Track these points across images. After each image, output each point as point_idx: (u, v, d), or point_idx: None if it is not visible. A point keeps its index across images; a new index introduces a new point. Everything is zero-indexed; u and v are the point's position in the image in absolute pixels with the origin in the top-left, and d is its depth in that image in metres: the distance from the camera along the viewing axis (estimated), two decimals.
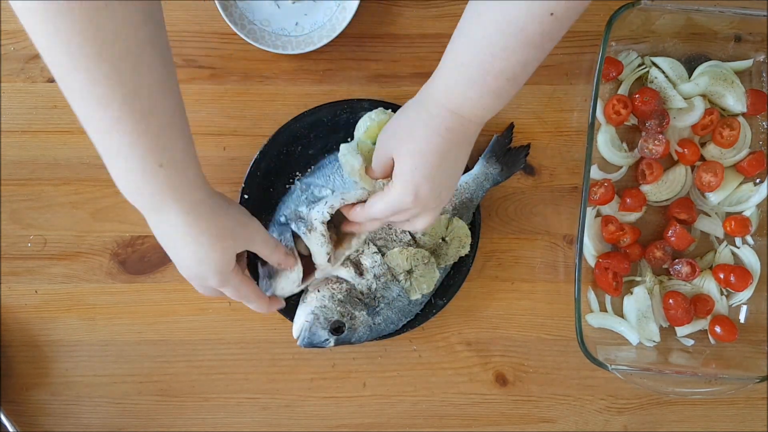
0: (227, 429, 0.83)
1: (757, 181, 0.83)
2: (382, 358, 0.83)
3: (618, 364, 0.77)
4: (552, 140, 0.84)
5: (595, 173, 0.83)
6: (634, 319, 0.82)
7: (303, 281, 0.73)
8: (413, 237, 0.77)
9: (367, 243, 0.76)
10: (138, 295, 0.82)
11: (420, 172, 0.62)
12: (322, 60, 0.83)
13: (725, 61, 0.83)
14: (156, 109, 0.53)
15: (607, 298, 0.83)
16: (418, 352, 0.83)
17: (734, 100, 0.82)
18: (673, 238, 0.81)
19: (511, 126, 0.82)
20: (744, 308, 0.83)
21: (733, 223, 0.82)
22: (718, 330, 0.81)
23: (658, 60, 0.83)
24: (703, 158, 0.84)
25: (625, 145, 0.83)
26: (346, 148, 0.71)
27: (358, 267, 0.76)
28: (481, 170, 0.79)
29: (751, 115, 0.83)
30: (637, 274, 0.84)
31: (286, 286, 0.74)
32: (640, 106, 0.81)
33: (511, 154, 0.81)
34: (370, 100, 0.80)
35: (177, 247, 0.63)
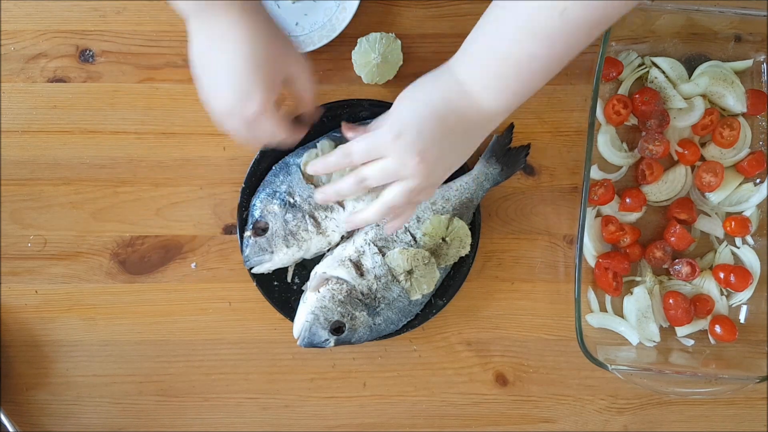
0: (227, 429, 0.83)
1: (757, 181, 0.83)
2: (382, 358, 0.83)
3: (618, 364, 0.77)
4: (552, 140, 0.84)
5: (595, 173, 0.83)
6: (634, 319, 0.82)
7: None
8: (414, 237, 0.77)
9: (368, 243, 0.76)
10: (138, 295, 0.82)
11: (411, 119, 0.62)
12: (322, 60, 0.83)
13: (725, 61, 0.83)
14: None
15: (607, 298, 0.83)
16: (418, 352, 0.83)
17: (734, 100, 0.82)
18: (673, 238, 0.81)
19: (511, 126, 0.82)
20: (744, 308, 0.83)
21: (733, 223, 0.82)
22: (718, 330, 0.81)
23: (658, 60, 0.83)
24: (703, 158, 0.84)
25: (625, 145, 0.83)
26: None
27: (359, 268, 0.76)
28: (481, 170, 0.79)
29: (751, 115, 0.83)
30: (637, 274, 0.84)
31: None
32: (640, 106, 0.81)
33: (511, 154, 0.81)
34: (369, 100, 0.80)
35: (221, 54, 0.60)
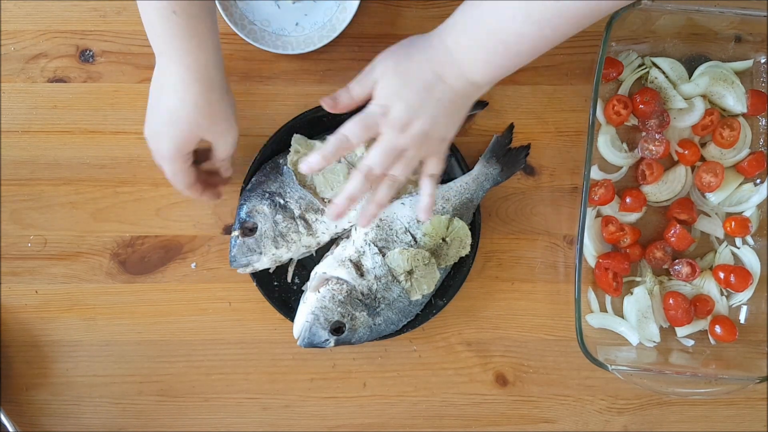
0: (227, 429, 0.83)
1: (758, 181, 0.83)
2: (382, 359, 0.83)
3: (618, 365, 0.77)
4: (552, 140, 0.84)
5: (595, 173, 0.83)
6: (634, 319, 0.82)
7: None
8: (414, 238, 0.77)
9: (368, 244, 0.76)
10: (138, 295, 0.82)
11: (399, 90, 0.64)
12: (322, 60, 0.83)
13: (725, 62, 0.83)
14: None
15: (607, 299, 0.83)
16: (418, 352, 0.83)
17: (734, 101, 0.82)
18: (673, 239, 0.81)
19: (511, 126, 0.82)
20: (744, 308, 0.83)
21: (734, 224, 0.82)
22: (718, 330, 0.81)
23: (659, 60, 0.83)
24: (703, 158, 0.84)
25: (625, 146, 0.83)
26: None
27: (359, 268, 0.76)
28: (481, 170, 0.79)
29: (751, 115, 0.83)
30: (637, 275, 0.84)
31: None
32: (640, 107, 0.81)
33: (511, 155, 0.81)
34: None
35: (161, 95, 0.66)
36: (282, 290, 0.80)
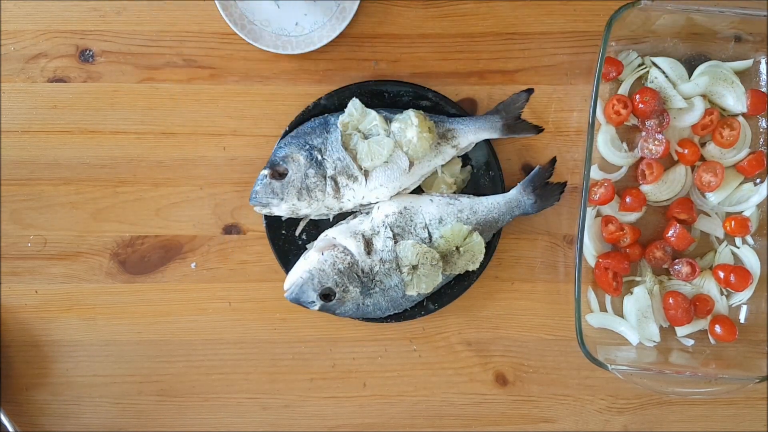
0: (227, 429, 0.83)
1: (757, 181, 0.83)
2: (382, 358, 0.83)
3: (618, 364, 0.77)
4: (552, 140, 0.84)
5: (595, 173, 0.83)
6: (634, 319, 0.82)
7: None
8: (430, 236, 0.77)
9: (386, 227, 0.77)
10: (138, 295, 0.82)
11: None
12: (322, 60, 0.83)
13: (725, 61, 0.83)
14: None
15: (607, 298, 0.83)
16: (418, 352, 0.83)
17: (734, 100, 0.82)
18: (673, 238, 0.81)
19: (554, 160, 0.82)
20: (744, 308, 0.83)
21: (733, 223, 0.82)
22: (718, 330, 0.81)
23: (658, 60, 0.83)
24: (703, 158, 0.84)
25: (625, 145, 0.83)
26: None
27: (369, 245, 0.76)
28: (515, 196, 0.80)
29: (751, 115, 0.83)
30: (637, 274, 0.84)
31: None
32: (640, 106, 0.81)
33: (547, 189, 0.81)
34: (399, 82, 0.81)
35: None
36: (287, 241, 0.80)
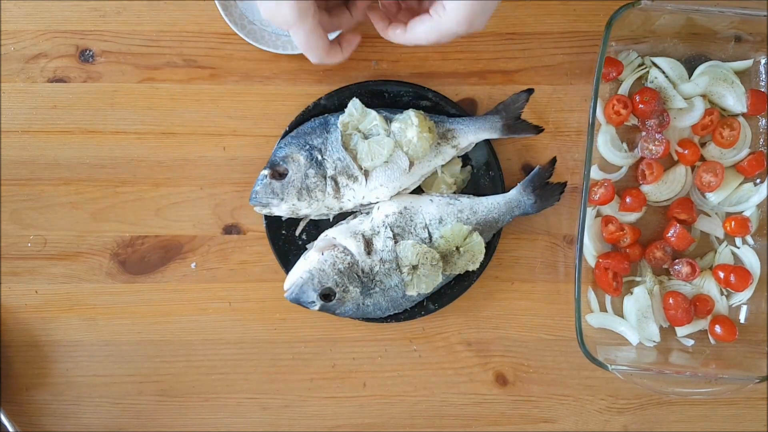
0: (227, 429, 0.83)
1: (757, 181, 0.83)
2: (382, 358, 0.83)
3: (618, 364, 0.77)
4: (552, 140, 0.84)
5: (595, 173, 0.83)
6: (634, 319, 0.82)
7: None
8: (430, 236, 0.77)
9: (386, 227, 0.77)
10: (138, 295, 0.82)
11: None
12: None
13: (725, 61, 0.83)
14: None
15: (607, 298, 0.83)
16: (418, 352, 0.83)
17: (734, 100, 0.82)
18: (673, 238, 0.81)
19: (554, 160, 0.82)
20: (744, 308, 0.83)
21: (733, 223, 0.82)
22: (718, 330, 0.81)
23: (658, 60, 0.83)
24: (703, 158, 0.84)
25: (625, 145, 0.83)
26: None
27: (369, 245, 0.76)
28: (515, 196, 0.80)
29: (751, 115, 0.83)
30: (637, 274, 0.84)
31: None
32: (640, 106, 0.81)
33: (547, 189, 0.81)
34: (400, 82, 0.81)
35: None
36: (287, 241, 0.80)
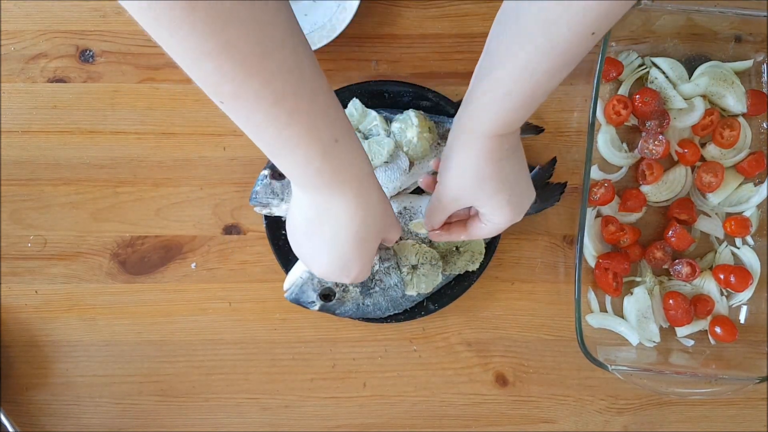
0: (227, 429, 0.83)
1: (757, 181, 0.83)
2: (382, 359, 0.83)
3: (618, 365, 0.77)
4: (552, 140, 0.84)
5: (596, 173, 0.83)
6: (634, 319, 0.82)
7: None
8: None
9: None
10: (138, 295, 0.82)
11: (506, 206, 0.65)
12: (322, 60, 0.83)
13: (725, 62, 0.83)
14: (317, 87, 0.52)
15: (607, 299, 0.83)
16: (418, 352, 0.83)
17: (734, 101, 0.82)
18: (673, 239, 0.81)
19: (554, 160, 0.82)
20: (744, 308, 0.83)
21: (734, 224, 0.82)
22: (718, 330, 0.81)
23: (658, 60, 0.83)
24: (703, 159, 0.84)
25: (625, 146, 0.83)
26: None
27: None
28: None
29: (751, 115, 0.83)
30: (637, 275, 0.84)
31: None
32: (641, 107, 0.81)
33: (547, 189, 0.81)
34: (399, 82, 0.80)
35: (334, 227, 0.61)
36: (287, 241, 0.79)
